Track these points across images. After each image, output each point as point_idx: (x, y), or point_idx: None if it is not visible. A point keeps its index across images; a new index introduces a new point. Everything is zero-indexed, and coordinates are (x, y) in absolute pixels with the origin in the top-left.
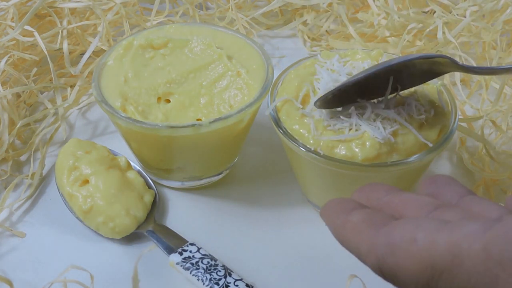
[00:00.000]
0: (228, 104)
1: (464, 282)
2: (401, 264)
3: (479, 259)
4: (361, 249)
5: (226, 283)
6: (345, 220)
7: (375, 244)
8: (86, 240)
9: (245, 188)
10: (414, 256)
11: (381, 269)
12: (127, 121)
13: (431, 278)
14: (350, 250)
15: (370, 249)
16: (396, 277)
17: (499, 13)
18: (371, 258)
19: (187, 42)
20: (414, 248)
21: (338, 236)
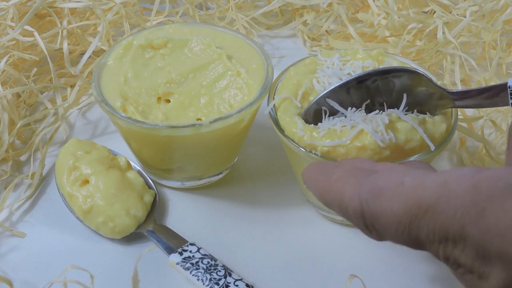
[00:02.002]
0: (228, 104)
1: (449, 218)
2: (386, 205)
3: (467, 195)
4: (345, 195)
5: (226, 283)
6: (331, 173)
7: (360, 189)
8: (86, 240)
9: (245, 188)
10: (400, 196)
11: (363, 214)
12: (127, 121)
13: (414, 217)
14: (331, 202)
15: (354, 194)
16: (378, 221)
17: (499, 13)
18: (354, 203)
19: (187, 42)
20: (400, 190)
21: (321, 189)
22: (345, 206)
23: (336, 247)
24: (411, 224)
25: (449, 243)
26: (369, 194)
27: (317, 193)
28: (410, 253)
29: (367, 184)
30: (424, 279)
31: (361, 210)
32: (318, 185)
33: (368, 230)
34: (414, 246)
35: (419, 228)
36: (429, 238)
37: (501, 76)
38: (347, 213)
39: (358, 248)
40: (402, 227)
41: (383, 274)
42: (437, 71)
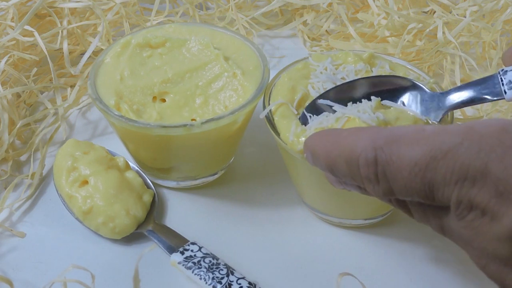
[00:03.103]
0: (223, 105)
1: (472, 156)
2: (402, 150)
3: (495, 134)
4: (356, 146)
5: (229, 281)
6: (340, 132)
7: (376, 137)
8: (86, 240)
9: (241, 189)
10: (420, 140)
11: (376, 161)
12: (120, 119)
13: (433, 159)
14: (338, 158)
15: (367, 143)
16: (390, 167)
17: (499, 13)
18: (366, 151)
19: (184, 42)
20: (421, 135)
21: (327, 147)
22: (356, 158)
23: (336, 246)
24: (428, 166)
25: (467, 183)
26: (384, 140)
27: (322, 153)
28: (409, 254)
29: (383, 132)
30: (424, 279)
31: (375, 157)
32: (324, 143)
33: (376, 181)
34: (424, 192)
35: (436, 169)
36: (445, 180)
37: None
38: (356, 165)
39: (357, 249)
40: (417, 170)
41: (382, 274)
42: (437, 71)
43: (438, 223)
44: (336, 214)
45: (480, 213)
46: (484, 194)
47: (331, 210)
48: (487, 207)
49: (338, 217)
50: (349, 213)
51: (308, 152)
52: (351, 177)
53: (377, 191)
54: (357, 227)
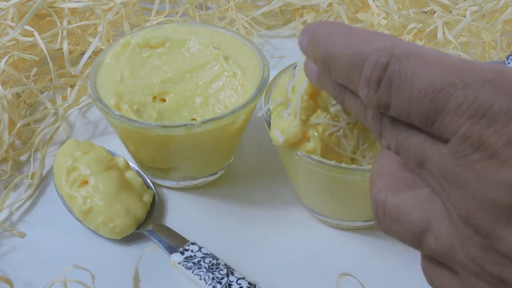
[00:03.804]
0: (223, 105)
1: (500, 94)
2: (420, 66)
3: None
4: (369, 46)
5: (229, 281)
6: (355, 29)
7: (395, 44)
8: (86, 240)
9: (241, 189)
10: (443, 63)
11: (387, 67)
12: (120, 119)
13: (452, 85)
14: (340, 55)
15: (384, 47)
16: (400, 78)
17: (499, 13)
18: (380, 54)
19: (184, 42)
20: (445, 59)
21: (332, 38)
22: (364, 56)
23: (337, 246)
24: (444, 90)
25: (484, 121)
26: (403, 51)
27: (324, 40)
28: (409, 254)
29: (403, 43)
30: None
31: (387, 63)
32: (331, 31)
33: (376, 86)
34: (426, 115)
35: (452, 96)
36: (458, 110)
37: None
38: (360, 64)
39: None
40: (430, 90)
41: (382, 275)
42: None
43: (420, 152)
44: (335, 216)
45: (488, 154)
46: (501, 135)
47: (329, 212)
48: (501, 150)
49: (337, 219)
50: (347, 215)
51: (306, 35)
52: (347, 75)
53: (370, 98)
54: (357, 228)
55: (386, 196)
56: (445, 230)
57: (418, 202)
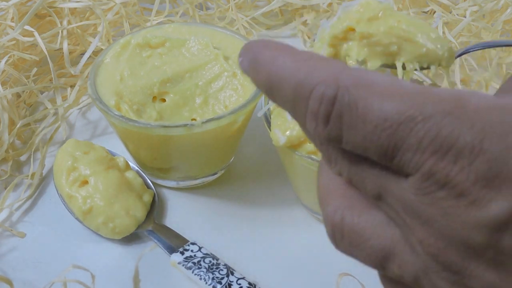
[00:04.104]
0: (223, 105)
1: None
2: (373, 99)
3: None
4: (313, 73)
5: (229, 281)
6: (299, 51)
7: (342, 73)
8: (86, 240)
9: (241, 188)
10: (397, 95)
11: (335, 100)
12: (120, 119)
13: (410, 119)
14: (282, 81)
15: (330, 76)
16: (351, 112)
17: (499, 13)
18: (326, 84)
19: (184, 42)
20: (399, 89)
21: (273, 62)
22: (310, 87)
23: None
24: (403, 124)
25: (448, 156)
26: (353, 81)
27: (267, 65)
28: None
29: (353, 71)
30: None
31: (335, 95)
32: (275, 55)
33: (325, 121)
34: (384, 150)
35: (412, 130)
36: (420, 145)
37: (501, 76)
38: (305, 95)
39: None
40: (387, 126)
41: None
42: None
43: (377, 185)
44: None
45: (455, 193)
46: (469, 174)
47: None
48: (469, 189)
49: None
50: None
51: (246, 56)
52: (292, 106)
53: (320, 133)
54: None
55: (342, 217)
56: (408, 259)
57: (377, 225)
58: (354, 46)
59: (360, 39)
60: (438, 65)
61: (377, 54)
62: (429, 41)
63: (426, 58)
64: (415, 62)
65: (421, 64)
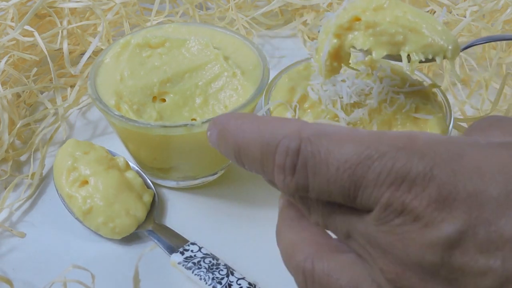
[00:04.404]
0: (223, 105)
1: (415, 160)
2: (333, 146)
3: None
4: (277, 131)
5: (229, 282)
6: (262, 118)
7: (304, 128)
8: (86, 240)
9: (241, 188)
10: (355, 139)
11: (298, 151)
12: (120, 119)
13: (367, 158)
14: (249, 140)
15: (294, 131)
16: (313, 160)
17: (499, 13)
18: (289, 139)
19: (184, 42)
20: (355, 134)
21: (240, 126)
22: (274, 143)
23: None
24: (360, 164)
25: (403, 186)
26: (313, 132)
27: (233, 133)
28: None
29: (312, 125)
30: None
31: (298, 146)
32: (239, 123)
33: (291, 172)
34: (347, 191)
35: (370, 168)
36: (377, 180)
37: (501, 76)
38: (272, 152)
39: None
40: (347, 166)
41: None
42: (437, 71)
43: (345, 227)
44: None
45: (411, 218)
46: (421, 199)
47: None
48: (423, 213)
49: None
50: None
51: (214, 129)
52: (261, 165)
53: (288, 184)
54: None
55: (313, 263)
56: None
57: (345, 266)
58: (359, 36)
59: (365, 28)
60: (443, 57)
61: (382, 44)
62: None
63: (431, 49)
64: (420, 53)
65: (426, 55)
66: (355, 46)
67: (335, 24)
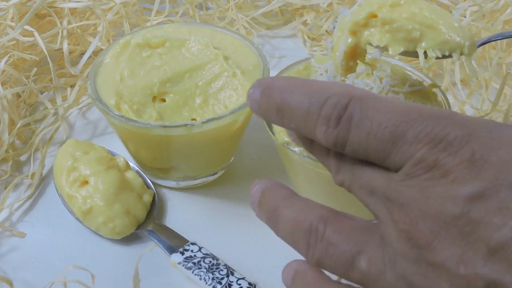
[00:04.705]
0: (223, 105)
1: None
2: (381, 105)
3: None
4: (329, 89)
5: (229, 282)
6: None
7: (354, 91)
8: (86, 240)
9: (241, 188)
10: (400, 103)
11: (348, 106)
12: (120, 119)
13: (411, 120)
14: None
15: (344, 91)
16: (360, 113)
17: (499, 13)
18: (342, 95)
19: (184, 42)
20: (400, 101)
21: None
22: (325, 96)
23: None
24: (404, 122)
25: (441, 145)
26: (363, 93)
27: (280, 87)
28: None
29: (361, 90)
30: None
31: (347, 103)
32: (288, 81)
33: (335, 124)
34: (383, 147)
35: (411, 127)
36: (416, 138)
37: (501, 76)
38: (320, 102)
39: None
40: (389, 124)
41: None
42: (437, 71)
43: (371, 183)
44: None
45: (440, 174)
46: (454, 157)
47: None
48: (452, 169)
49: None
50: None
51: (258, 88)
52: (304, 119)
53: (328, 136)
54: None
55: (326, 224)
56: (379, 253)
57: (357, 228)
58: (376, 33)
59: (382, 25)
60: (460, 54)
61: (399, 40)
62: (451, 29)
63: (448, 46)
64: (436, 50)
65: (443, 51)
66: (372, 42)
67: (351, 21)
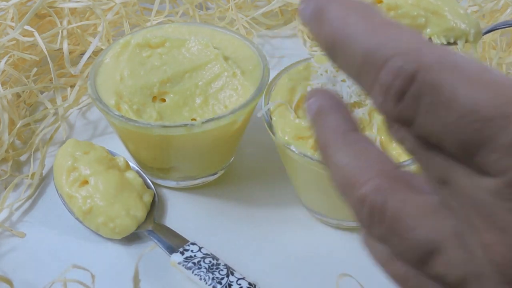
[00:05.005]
0: (223, 105)
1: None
2: (461, 86)
3: None
4: (395, 42)
5: (229, 282)
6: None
7: (426, 49)
8: (86, 240)
9: (241, 189)
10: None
11: (414, 78)
12: (120, 119)
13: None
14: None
15: (412, 48)
16: (432, 95)
17: (499, 13)
18: (407, 59)
19: (184, 42)
20: (490, 77)
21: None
22: (383, 58)
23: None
24: (494, 121)
25: None
26: (438, 59)
27: (335, 18)
28: None
29: (437, 49)
30: None
31: (413, 72)
32: (347, 9)
33: (398, 97)
34: (464, 145)
35: (505, 130)
36: (505, 143)
37: None
38: (377, 65)
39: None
40: (475, 118)
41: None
42: None
43: (445, 172)
44: (335, 216)
45: None
46: None
47: (329, 212)
48: None
49: (337, 219)
50: (347, 215)
51: (311, 3)
52: (357, 72)
53: (387, 110)
54: (357, 228)
55: (385, 197)
56: (460, 258)
57: (427, 213)
58: None
59: (387, 11)
60: (465, 41)
61: None
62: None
63: (453, 33)
64: (441, 36)
65: (448, 38)
66: None
67: None
